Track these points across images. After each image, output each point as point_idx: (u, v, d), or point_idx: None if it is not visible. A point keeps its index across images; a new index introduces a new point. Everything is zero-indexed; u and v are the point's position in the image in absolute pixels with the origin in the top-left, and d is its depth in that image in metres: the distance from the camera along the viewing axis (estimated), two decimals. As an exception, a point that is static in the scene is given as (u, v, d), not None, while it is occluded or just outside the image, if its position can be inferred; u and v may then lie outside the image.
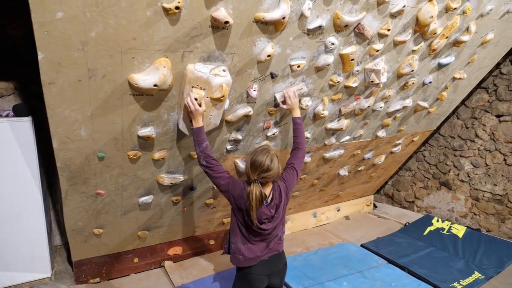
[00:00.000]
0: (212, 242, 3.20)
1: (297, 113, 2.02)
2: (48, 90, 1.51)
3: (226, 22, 1.53)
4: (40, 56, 1.40)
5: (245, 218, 1.75)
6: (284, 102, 2.06)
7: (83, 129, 1.73)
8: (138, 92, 1.68)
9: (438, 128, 3.83)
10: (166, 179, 2.25)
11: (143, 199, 2.32)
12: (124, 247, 2.69)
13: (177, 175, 2.29)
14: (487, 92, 3.45)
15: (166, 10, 1.43)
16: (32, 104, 2.58)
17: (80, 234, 2.35)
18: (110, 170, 2.01)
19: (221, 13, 1.52)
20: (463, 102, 3.61)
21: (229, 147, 2.30)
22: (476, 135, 3.56)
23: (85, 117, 1.68)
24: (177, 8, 1.42)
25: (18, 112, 2.41)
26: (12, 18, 2.54)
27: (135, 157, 1.99)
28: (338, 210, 4.06)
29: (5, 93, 2.85)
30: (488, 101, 3.44)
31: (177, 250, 3.01)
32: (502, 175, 3.39)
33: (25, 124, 2.32)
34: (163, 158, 2.10)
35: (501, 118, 3.36)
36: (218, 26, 1.58)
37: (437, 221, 3.57)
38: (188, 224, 2.88)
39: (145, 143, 1.96)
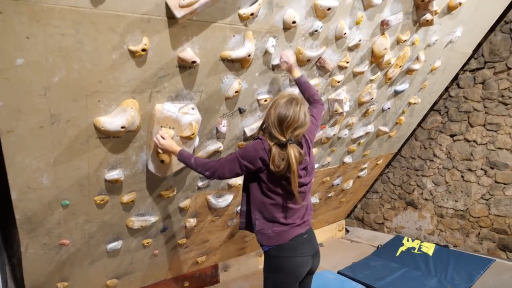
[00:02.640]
0: (186, 284, 3.05)
1: (298, 73, 1.84)
2: (7, 139, 1.42)
3: (193, 62, 1.55)
4: (-2, 104, 1.33)
5: (276, 182, 1.54)
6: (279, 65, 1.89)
7: (46, 177, 1.63)
8: (104, 135, 1.63)
9: (399, 150, 4.01)
10: (136, 222, 2.15)
11: (111, 245, 2.19)
12: (91, 299, 2.50)
13: (148, 217, 2.20)
14: (439, 114, 3.70)
15: (132, 53, 1.42)
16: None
17: (42, 290, 2.16)
18: (75, 218, 1.90)
19: (188, 53, 1.53)
20: (419, 125, 3.84)
21: (200, 184, 2.26)
22: (434, 155, 3.77)
23: (47, 165, 1.59)
24: (143, 50, 1.43)
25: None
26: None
27: (102, 202, 1.90)
28: (312, 238, 4.05)
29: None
30: (442, 122, 3.68)
31: (149, 296, 2.84)
32: (462, 191, 3.58)
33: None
34: (132, 201, 2.01)
35: (455, 138, 3.59)
36: (185, 66, 1.59)
37: (407, 240, 3.66)
38: (161, 267, 2.74)
39: (113, 187, 1.88)
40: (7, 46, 1.21)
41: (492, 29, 3.13)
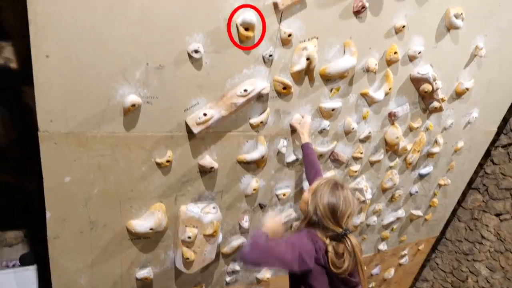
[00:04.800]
0: None
1: (307, 139, 1.83)
2: (53, 244, 1.64)
3: (212, 168, 1.76)
4: (48, 215, 1.57)
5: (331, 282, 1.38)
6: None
7: (83, 277, 1.79)
8: (135, 237, 1.80)
9: (443, 233, 3.79)
10: (166, 321, 2.19)
11: None
12: None
13: (178, 315, 2.23)
14: (479, 192, 3.54)
15: (158, 164, 1.66)
16: (38, 251, 2.68)
17: None
18: (108, 318, 1.99)
19: (207, 160, 1.75)
20: (460, 205, 3.67)
21: (228, 279, 2.29)
22: (482, 237, 3.50)
23: (85, 266, 1.76)
24: (168, 161, 1.66)
25: (24, 262, 2.50)
26: (27, 175, 2.84)
27: (134, 301, 2.00)
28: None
29: (14, 242, 2.97)
30: (483, 201, 3.50)
31: None
32: (522, 277, 3.22)
33: (30, 273, 2.38)
34: (162, 299, 2.09)
35: (501, 217, 3.36)
36: (205, 171, 1.80)
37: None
38: None
39: (144, 284, 1.99)
40: (59, 168, 1.49)
41: (515, 104, 3.15)
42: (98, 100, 1.41)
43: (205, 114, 1.60)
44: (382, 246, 3.05)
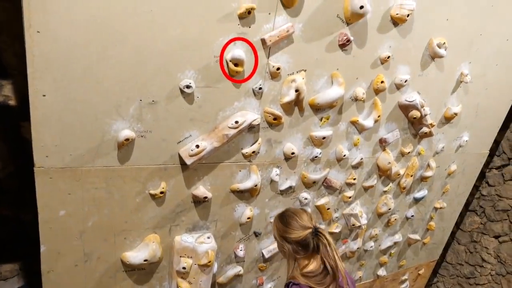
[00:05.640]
0: None
1: None
2: (47, 278, 1.64)
3: (205, 197, 1.78)
4: (42, 248, 1.58)
5: None
6: None
7: (77, 312, 1.78)
8: (130, 268, 1.81)
9: (443, 256, 3.75)
10: None
11: None
12: None
13: None
14: (477, 214, 3.54)
15: (152, 196, 1.69)
16: (33, 284, 2.65)
17: None
18: None
19: (200, 190, 1.78)
20: (458, 227, 3.65)
21: (226, 311, 2.27)
22: (483, 260, 3.47)
23: (79, 300, 1.76)
24: (161, 192, 1.69)
25: (19, 297, 2.47)
26: (24, 207, 2.85)
27: (128, 335, 1.97)
28: None
29: (9, 275, 2.93)
30: (481, 223, 3.49)
31: None
32: (525, 301, 3.17)
33: (24, 310, 2.35)
34: (157, 332, 2.06)
35: (500, 239, 3.35)
36: (199, 201, 1.82)
37: None
38: None
39: (139, 318, 1.97)
40: (54, 202, 1.52)
41: (506, 126, 3.20)
42: (93, 135, 1.46)
43: (197, 146, 1.64)
44: (381, 272, 3.02)
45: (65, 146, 1.42)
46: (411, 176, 2.58)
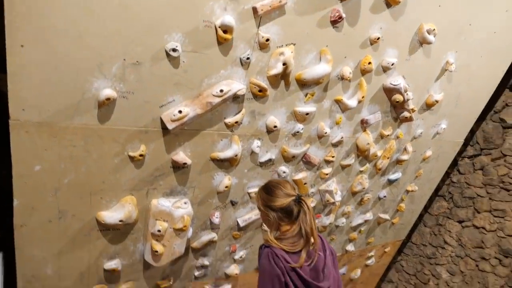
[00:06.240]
0: None
1: None
2: (19, 232, 1.64)
3: (185, 164, 1.79)
4: (15, 202, 1.57)
5: (299, 286, 1.43)
6: None
7: (49, 267, 1.80)
8: (105, 228, 1.82)
9: (409, 236, 3.94)
10: (132, 312, 2.21)
11: (108, 336, 2.23)
12: None
13: (145, 307, 2.26)
14: (445, 199, 3.70)
15: (131, 158, 1.68)
16: (4, 239, 2.64)
17: None
18: (74, 307, 2.00)
19: (180, 156, 1.78)
20: (426, 210, 3.82)
21: (197, 273, 2.34)
22: (445, 242, 3.67)
23: (52, 255, 1.77)
24: (141, 155, 1.68)
25: (-11, 249, 2.45)
26: None
27: (100, 291, 2.01)
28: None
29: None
30: (448, 208, 3.67)
31: None
32: (479, 282, 3.40)
33: (-5, 262, 2.35)
34: (129, 290, 2.11)
35: (463, 224, 3.53)
36: (178, 166, 1.83)
37: (426, 338, 3.39)
38: None
39: (111, 276, 2.01)
40: (29, 157, 1.49)
41: (483, 118, 3.31)
42: (73, 92, 1.42)
43: (180, 112, 1.63)
44: (350, 247, 3.16)
45: (42, 100, 1.38)
46: (388, 158, 2.66)
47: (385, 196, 2.95)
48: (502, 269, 3.26)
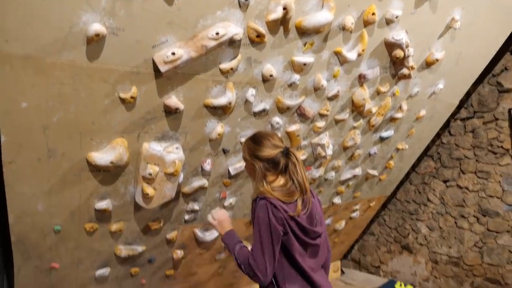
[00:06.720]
0: (173, 316, 3.10)
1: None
2: (8, 169, 1.63)
3: (177, 109, 1.75)
4: (2, 139, 1.54)
5: (297, 233, 1.45)
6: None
7: (40, 204, 1.82)
8: (95, 169, 1.82)
9: (394, 193, 4.06)
10: (123, 250, 2.29)
11: (100, 272, 2.32)
12: (79, 324, 2.59)
13: (135, 246, 2.33)
14: (433, 159, 3.78)
15: (122, 100, 1.64)
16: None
17: (31, 311, 2.28)
18: (66, 243, 2.05)
19: (173, 100, 1.74)
20: (413, 169, 3.91)
21: (187, 217, 2.40)
22: (428, 199, 3.80)
23: (42, 193, 1.78)
24: (132, 97, 1.64)
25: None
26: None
27: (92, 230, 2.06)
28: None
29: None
30: (435, 168, 3.75)
31: (136, 326, 2.90)
32: (455, 237, 3.58)
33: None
34: (120, 230, 2.16)
35: (447, 183, 3.64)
36: (171, 111, 1.79)
37: (400, 285, 3.63)
38: (148, 297, 2.82)
39: (102, 216, 2.05)
40: (15, 93, 1.44)
41: (480, 81, 3.28)
42: (59, 24, 1.34)
43: (173, 53, 1.56)
44: (337, 200, 3.25)
45: (27, 32, 1.30)
46: (382, 115, 2.65)
47: (375, 153, 2.98)
48: (479, 226, 3.43)
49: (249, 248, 1.49)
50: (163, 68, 1.58)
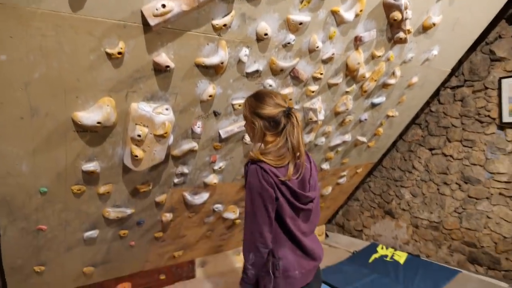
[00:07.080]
0: (163, 276, 3.16)
1: None
2: (-11, 127, 1.54)
3: (167, 67, 1.67)
4: (-19, 95, 1.44)
5: (288, 197, 1.44)
6: None
7: (25, 165, 1.75)
8: (82, 129, 1.75)
9: (381, 160, 4.12)
10: (112, 213, 2.27)
11: (88, 234, 2.31)
12: (68, 285, 2.61)
13: (124, 209, 2.31)
14: (420, 128, 3.81)
15: (109, 55, 1.54)
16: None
17: (19, 272, 2.27)
18: (52, 205, 2.01)
19: (162, 58, 1.65)
20: (401, 137, 3.95)
21: (176, 180, 2.37)
22: (413, 167, 3.88)
23: (27, 153, 1.71)
24: (119, 53, 1.54)
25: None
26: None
27: (79, 192, 2.01)
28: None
29: None
30: (422, 136, 3.80)
31: (125, 286, 2.95)
32: (436, 203, 3.69)
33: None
34: (108, 192, 2.13)
35: (433, 151, 3.70)
36: (160, 70, 1.71)
37: (382, 248, 3.78)
38: (137, 259, 2.85)
39: (90, 178, 2.00)
40: (-9, 43, 1.33)
41: (473, 48, 3.25)
42: (38, -33, 1.21)
43: (163, 6, 1.46)
44: (325, 166, 3.27)
45: (2, -26, 1.18)
46: (375, 81, 2.61)
47: (366, 119, 2.98)
48: (460, 193, 3.53)
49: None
50: (152, 22, 1.48)
